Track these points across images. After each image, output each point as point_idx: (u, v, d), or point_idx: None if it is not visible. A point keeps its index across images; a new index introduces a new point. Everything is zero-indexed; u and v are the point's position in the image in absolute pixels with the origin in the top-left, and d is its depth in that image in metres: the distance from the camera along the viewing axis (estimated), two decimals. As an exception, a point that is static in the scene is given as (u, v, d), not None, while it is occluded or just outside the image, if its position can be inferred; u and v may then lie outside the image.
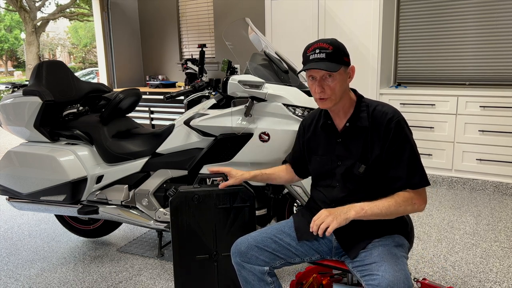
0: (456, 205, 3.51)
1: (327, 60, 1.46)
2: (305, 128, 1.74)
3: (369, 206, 1.43)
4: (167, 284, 2.40)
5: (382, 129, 1.49)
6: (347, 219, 1.40)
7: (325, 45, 1.48)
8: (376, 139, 1.51)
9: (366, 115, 1.53)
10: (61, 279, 2.51)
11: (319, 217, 1.42)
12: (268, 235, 1.61)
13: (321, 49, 1.48)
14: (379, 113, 1.52)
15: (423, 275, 2.40)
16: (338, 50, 1.48)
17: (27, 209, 2.71)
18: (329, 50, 1.47)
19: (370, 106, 1.55)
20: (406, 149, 1.48)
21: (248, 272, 1.57)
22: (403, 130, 1.49)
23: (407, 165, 1.47)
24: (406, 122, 1.52)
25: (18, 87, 2.68)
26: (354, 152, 1.54)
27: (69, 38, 33.51)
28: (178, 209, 1.92)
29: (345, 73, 1.51)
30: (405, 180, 1.47)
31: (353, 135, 1.55)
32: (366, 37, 4.02)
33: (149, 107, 5.50)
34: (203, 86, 2.35)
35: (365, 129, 1.53)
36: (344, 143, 1.57)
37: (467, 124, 3.76)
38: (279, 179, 1.85)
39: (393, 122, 1.48)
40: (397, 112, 1.52)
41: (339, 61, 1.48)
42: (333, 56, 1.47)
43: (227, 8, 5.44)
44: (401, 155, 1.48)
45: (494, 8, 3.96)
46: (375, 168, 1.51)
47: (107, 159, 2.54)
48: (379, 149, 1.50)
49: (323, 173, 1.63)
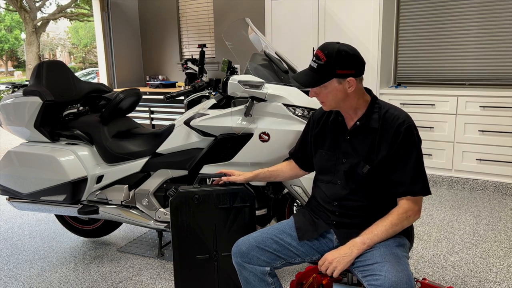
0: (456, 205, 3.51)
1: (316, 71, 1.49)
2: (315, 121, 1.74)
3: (369, 238, 1.45)
4: (167, 284, 2.40)
5: (391, 132, 1.49)
6: (351, 261, 1.43)
7: (321, 55, 1.48)
8: (384, 141, 1.50)
9: (377, 117, 1.53)
10: (61, 279, 2.51)
11: (324, 263, 1.44)
12: (269, 235, 1.61)
13: (316, 59, 1.49)
14: (391, 116, 1.51)
15: (423, 275, 2.40)
16: (330, 64, 1.46)
17: (27, 209, 2.71)
18: (322, 61, 1.47)
19: (383, 108, 1.54)
20: (412, 155, 1.48)
21: (249, 272, 1.57)
22: (412, 136, 1.49)
23: (411, 170, 1.47)
24: (416, 129, 1.52)
25: (18, 87, 2.68)
26: (360, 151, 1.54)
27: (69, 38, 33.53)
28: (178, 209, 1.93)
29: (339, 84, 1.49)
30: (407, 186, 1.47)
31: (362, 135, 1.55)
32: (366, 37, 4.02)
33: (149, 107, 5.50)
34: (203, 86, 2.35)
35: (375, 130, 1.53)
36: (352, 141, 1.57)
37: (467, 124, 3.76)
38: (283, 174, 1.85)
39: (403, 126, 1.48)
40: (409, 118, 1.51)
41: (328, 74, 1.47)
42: (322, 69, 1.47)
43: (227, 8, 5.44)
44: (407, 160, 1.48)
45: (494, 8, 3.96)
46: (378, 170, 1.51)
47: (107, 159, 2.54)
48: (385, 151, 1.50)
49: (326, 168, 1.63)
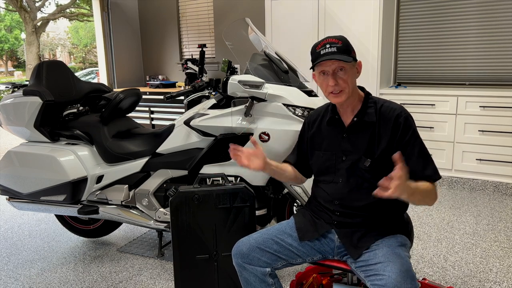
0: (456, 205, 3.51)
1: (339, 53, 1.50)
2: (309, 124, 1.73)
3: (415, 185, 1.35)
4: (167, 284, 2.40)
5: (390, 124, 1.52)
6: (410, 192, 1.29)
7: (334, 40, 1.52)
8: (383, 134, 1.52)
9: (373, 111, 1.55)
10: (61, 279, 2.51)
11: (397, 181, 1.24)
12: (269, 236, 1.61)
13: (331, 44, 1.51)
14: (387, 109, 1.55)
15: (423, 275, 2.40)
16: (347, 45, 1.53)
17: (27, 209, 2.71)
18: (339, 44, 1.51)
19: (378, 103, 1.58)
20: (417, 143, 1.51)
21: (250, 273, 1.57)
22: (412, 125, 1.52)
23: (420, 157, 1.49)
24: (413, 119, 1.55)
25: (18, 87, 2.68)
26: (360, 146, 1.55)
27: (69, 38, 33.53)
28: (178, 209, 1.93)
29: (354, 67, 1.55)
30: (420, 174, 1.47)
31: (360, 130, 1.56)
32: (366, 37, 4.02)
33: (149, 107, 5.50)
34: (203, 86, 2.35)
35: (373, 124, 1.54)
36: (350, 138, 1.58)
37: (467, 124, 3.76)
38: (288, 174, 1.77)
39: (402, 117, 1.52)
40: (405, 109, 1.55)
41: (349, 54, 1.52)
42: (343, 49, 1.51)
43: (227, 8, 5.44)
44: (413, 149, 1.50)
45: (494, 8, 3.96)
46: (380, 162, 1.51)
47: (107, 159, 2.54)
48: (386, 143, 1.51)
49: (326, 169, 1.63)
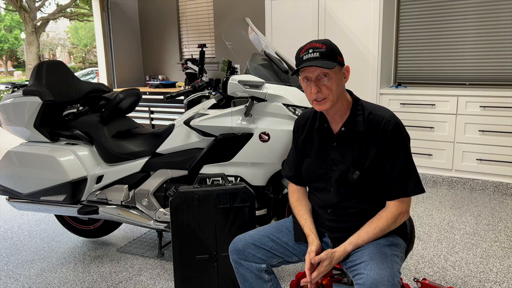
0: (456, 205, 3.51)
1: (321, 58, 1.44)
2: (299, 128, 1.69)
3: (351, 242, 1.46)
4: (167, 284, 2.40)
5: (378, 133, 1.47)
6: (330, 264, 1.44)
7: (318, 44, 1.46)
8: (371, 145, 1.48)
9: (361, 119, 1.50)
10: (61, 279, 2.51)
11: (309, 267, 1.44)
12: (265, 233, 1.62)
13: (315, 49, 1.45)
14: (376, 117, 1.49)
15: (423, 275, 2.40)
16: (332, 49, 1.46)
17: (27, 209, 2.71)
18: (322, 49, 1.45)
19: (366, 110, 1.52)
20: (401, 152, 1.46)
21: (246, 269, 1.58)
22: (400, 134, 1.47)
23: (401, 168, 1.46)
24: (403, 127, 1.50)
25: (18, 87, 2.68)
26: (349, 157, 1.52)
27: (69, 38, 33.51)
28: (178, 209, 1.93)
29: (340, 72, 1.49)
30: (399, 187, 1.46)
31: (348, 140, 1.53)
32: (366, 37, 4.02)
33: (149, 107, 5.50)
34: (203, 86, 2.35)
35: (361, 134, 1.50)
36: (339, 148, 1.54)
37: (467, 124, 3.76)
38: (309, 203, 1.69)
39: (390, 126, 1.46)
40: (394, 116, 1.49)
41: (334, 59, 1.45)
42: (327, 54, 1.45)
43: (227, 8, 5.44)
44: (395, 160, 1.46)
45: (494, 8, 3.96)
46: (369, 174, 1.49)
47: (107, 159, 2.54)
48: (374, 154, 1.48)
49: (316, 177, 1.61)
